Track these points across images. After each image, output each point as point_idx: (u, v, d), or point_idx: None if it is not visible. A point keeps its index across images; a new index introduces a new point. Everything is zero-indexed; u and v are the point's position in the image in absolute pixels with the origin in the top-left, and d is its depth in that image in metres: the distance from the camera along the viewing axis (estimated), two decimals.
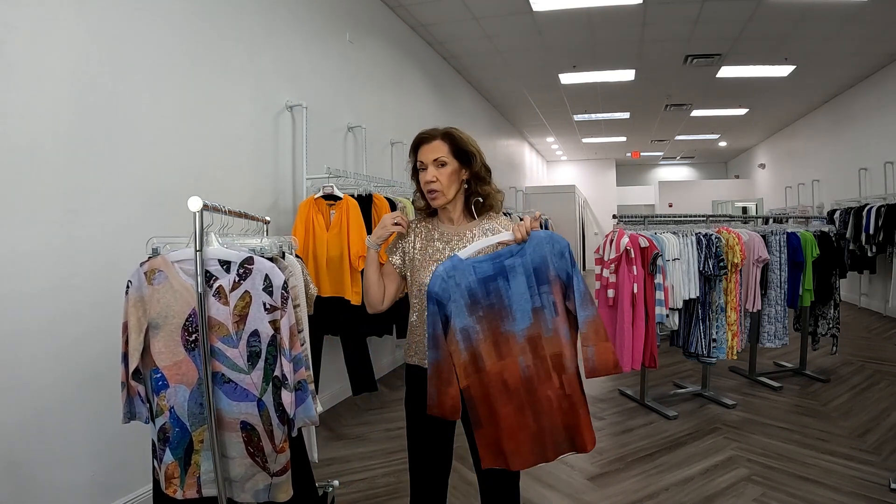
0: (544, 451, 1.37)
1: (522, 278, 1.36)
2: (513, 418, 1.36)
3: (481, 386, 1.36)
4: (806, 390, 3.57)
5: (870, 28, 5.13)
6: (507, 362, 1.35)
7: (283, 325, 1.36)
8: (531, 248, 1.36)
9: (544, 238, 1.38)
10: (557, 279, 1.36)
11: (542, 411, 1.35)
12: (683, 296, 3.12)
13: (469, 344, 1.36)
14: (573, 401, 1.35)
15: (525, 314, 1.36)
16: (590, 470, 2.50)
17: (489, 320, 1.36)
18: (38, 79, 1.80)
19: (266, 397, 1.37)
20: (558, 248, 1.37)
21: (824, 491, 2.21)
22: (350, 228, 2.76)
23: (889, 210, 5.46)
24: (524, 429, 1.36)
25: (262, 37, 2.97)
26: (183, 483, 1.39)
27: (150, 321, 1.38)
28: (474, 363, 1.36)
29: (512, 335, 1.36)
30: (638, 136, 11.18)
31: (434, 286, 1.36)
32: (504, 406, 1.35)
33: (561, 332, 1.36)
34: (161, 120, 2.28)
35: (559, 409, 1.35)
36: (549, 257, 1.36)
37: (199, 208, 1.30)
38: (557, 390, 1.35)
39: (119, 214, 2.07)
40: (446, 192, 1.45)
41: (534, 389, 1.35)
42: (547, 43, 5.61)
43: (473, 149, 1.46)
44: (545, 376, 1.35)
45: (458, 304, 1.36)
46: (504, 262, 1.37)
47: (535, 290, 1.36)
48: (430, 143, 1.46)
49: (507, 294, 1.36)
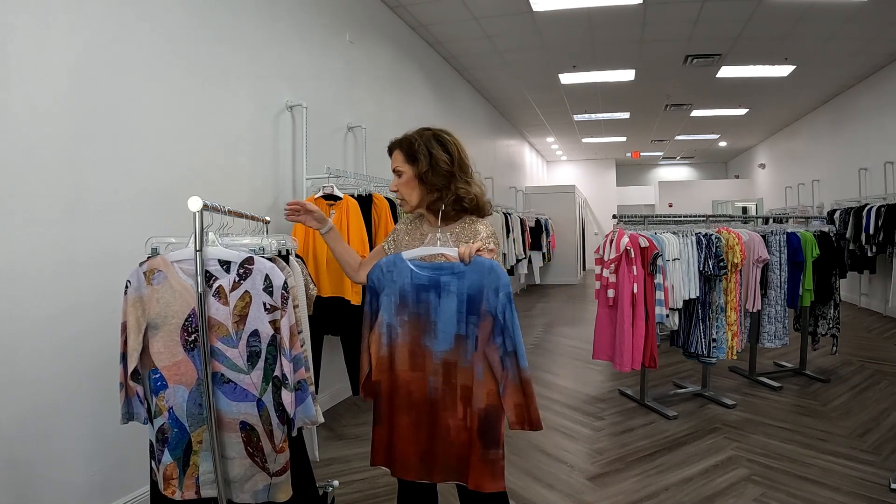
0: (430, 471, 1.35)
1: (454, 301, 1.30)
2: (406, 430, 1.34)
3: (390, 386, 1.35)
4: (806, 390, 3.57)
5: (870, 28, 5.13)
6: (417, 375, 1.33)
7: (284, 325, 1.35)
8: (471, 273, 1.29)
9: (486, 268, 1.28)
10: (488, 315, 1.28)
11: (438, 436, 1.32)
12: (683, 296, 3.12)
13: (389, 341, 1.35)
14: (471, 437, 1.29)
15: (447, 337, 1.31)
16: (590, 470, 2.50)
17: (411, 328, 1.33)
18: (38, 79, 1.80)
19: (266, 397, 1.36)
20: (495, 283, 1.27)
21: (824, 491, 2.21)
22: (350, 228, 2.76)
23: (889, 210, 5.46)
24: (415, 444, 1.34)
25: (261, 37, 2.96)
26: (181, 484, 1.39)
27: (149, 321, 1.38)
28: (389, 362, 1.35)
29: (429, 352, 1.32)
30: (638, 136, 11.18)
31: (372, 274, 1.37)
32: (402, 416, 1.34)
33: (475, 369, 1.29)
34: (161, 120, 2.28)
35: (456, 439, 1.31)
36: (485, 289, 1.28)
37: (199, 208, 1.30)
38: (459, 421, 1.30)
39: (119, 214, 2.06)
40: (408, 199, 1.48)
41: (436, 413, 1.32)
42: (547, 43, 5.61)
43: (420, 153, 1.42)
44: (451, 404, 1.31)
45: (389, 299, 1.34)
46: (441, 277, 1.31)
47: (464, 317, 1.30)
48: (392, 153, 1.50)
49: (435, 310, 1.32)
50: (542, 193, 10.61)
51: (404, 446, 1.35)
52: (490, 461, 1.29)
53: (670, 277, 3.07)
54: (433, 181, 1.43)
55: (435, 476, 1.35)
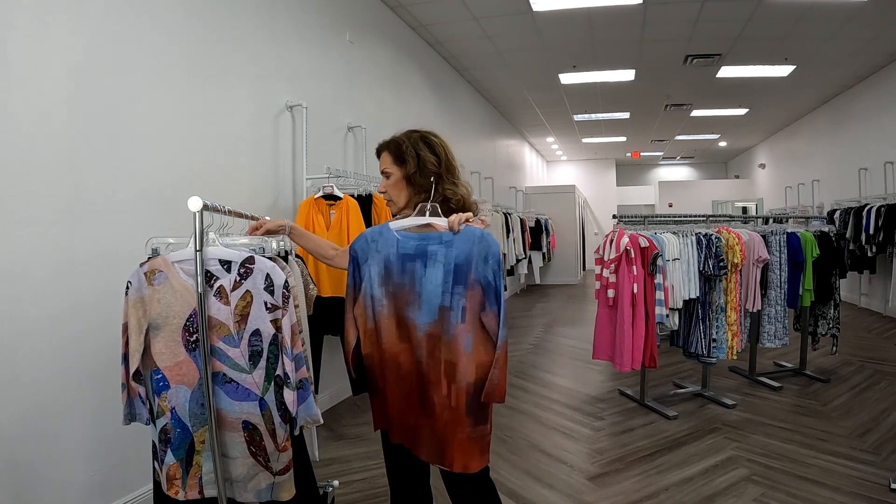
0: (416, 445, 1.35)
1: (440, 270, 1.27)
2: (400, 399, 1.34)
3: (380, 358, 1.35)
4: (806, 390, 3.57)
5: (870, 28, 5.13)
6: (404, 347, 1.32)
7: (285, 324, 1.35)
8: (459, 242, 1.26)
9: (476, 236, 1.26)
10: (476, 284, 1.25)
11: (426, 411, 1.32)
12: (683, 296, 3.12)
13: (374, 313, 1.33)
14: (456, 415, 1.27)
15: (431, 309, 1.28)
16: (590, 470, 2.50)
17: (396, 300, 1.31)
18: (38, 79, 1.80)
19: (268, 396, 1.37)
20: (485, 250, 1.25)
21: (824, 491, 2.21)
22: (350, 228, 2.76)
23: (889, 210, 5.46)
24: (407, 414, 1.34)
25: (261, 37, 2.97)
26: (185, 484, 1.39)
27: (151, 322, 1.38)
28: (376, 334, 1.34)
29: (413, 325, 1.30)
30: (638, 136, 11.18)
31: (355, 244, 1.36)
32: (394, 386, 1.34)
33: (460, 341, 1.26)
34: (161, 120, 2.28)
35: (440, 417, 1.29)
36: (473, 258, 1.25)
37: (199, 208, 1.30)
38: (444, 398, 1.28)
39: (119, 214, 2.07)
40: (396, 200, 1.49)
41: (425, 385, 1.31)
42: (547, 43, 5.61)
43: (408, 154, 1.43)
44: (436, 380, 1.29)
45: (373, 270, 1.32)
46: (428, 246, 1.29)
47: (449, 287, 1.27)
48: (380, 154, 1.52)
49: (420, 280, 1.29)
50: (542, 193, 10.62)
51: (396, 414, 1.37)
52: (478, 438, 1.28)
53: (670, 277, 3.07)
54: (421, 182, 1.44)
55: (421, 450, 1.34)
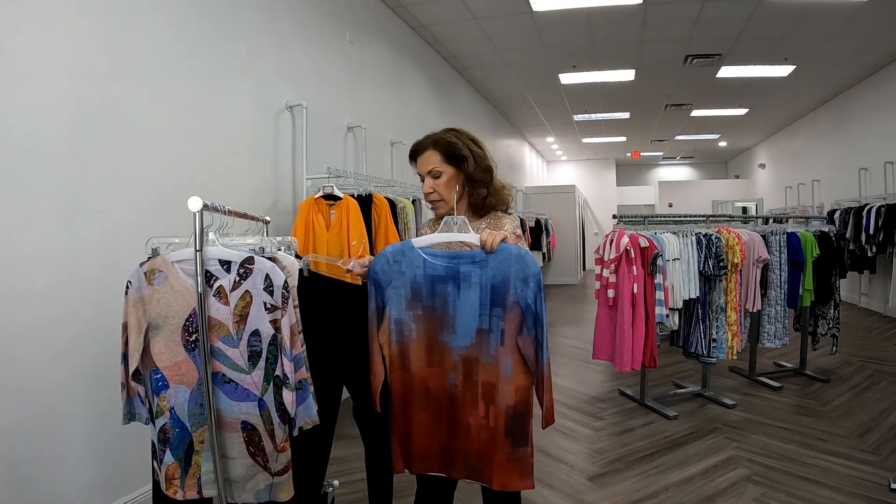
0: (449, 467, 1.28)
1: (476, 292, 1.20)
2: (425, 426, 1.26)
3: (403, 385, 1.27)
4: (806, 390, 3.57)
5: (870, 28, 5.13)
6: (435, 371, 1.25)
7: (284, 325, 1.35)
8: (496, 261, 1.19)
9: (514, 255, 1.19)
10: (516, 307, 1.18)
11: (459, 434, 1.25)
12: (683, 296, 3.12)
13: (401, 338, 1.26)
14: (494, 434, 1.22)
15: (468, 332, 1.21)
16: (590, 470, 2.50)
17: (427, 323, 1.24)
18: (38, 79, 1.80)
19: (267, 397, 1.36)
20: (524, 271, 1.18)
21: (824, 491, 2.21)
22: (350, 228, 2.76)
23: (889, 210, 5.46)
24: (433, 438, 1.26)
25: (262, 37, 2.97)
26: (183, 484, 1.39)
27: (150, 321, 1.38)
28: (401, 359, 1.26)
29: (448, 348, 1.23)
30: (638, 136, 11.18)
31: (376, 265, 1.27)
32: (421, 412, 1.26)
33: (501, 364, 1.21)
34: (161, 120, 2.28)
35: (476, 437, 1.24)
36: (512, 279, 1.18)
37: (199, 208, 1.30)
38: (481, 419, 1.23)
39: (119, 214, 2.07)
40: (447, 200, 1.44)
41: (456, 409, 1.25)
42: (547, 43, 5.61)
43: (465, 152, 1.43)
44: (471, 402, 1.23)
45: (398, 293, 1.24)
46: (460, 266, 1.21)
47: (487, 310, 1.20)
48: (422, 154, 1.46)
49: (453, 302, 1.22)
50: (542, 193, 10.61)
51: (423, 441, 1.28)
52: (519, 459, 1.22)
53: (670, 277, 3.07)
54: (481, 178, 1.43)
55: (455, 472, 1.28)
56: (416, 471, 1.33)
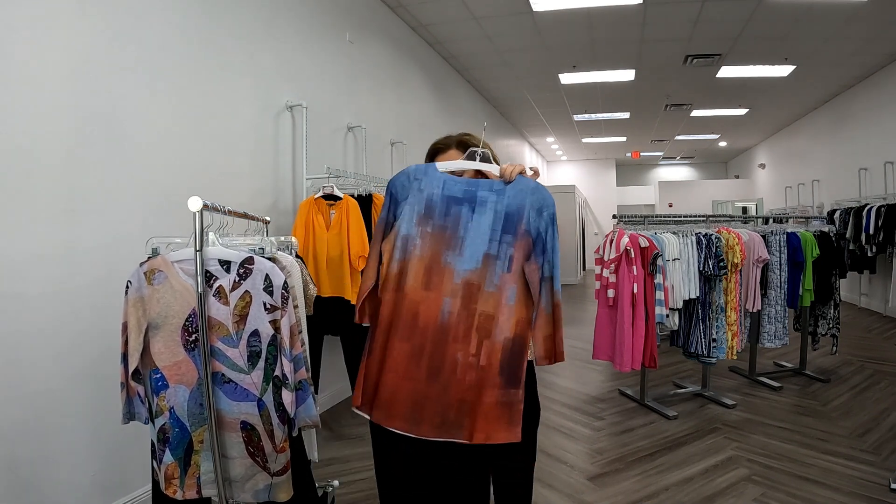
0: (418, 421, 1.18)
1: (489, 217, 1.20)
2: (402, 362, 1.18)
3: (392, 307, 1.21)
4: (806, 390, 3.57)
5: (870, 28, 5.13)
6: (430, 295, 1.20)
7: (284, 325, 1.36)
8: (513, 191, 1.21)
9: (530, 186, 1.22)
10: (526, 235, 1.19)
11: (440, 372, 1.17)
12: (683, 296, 3.12)
13: (403, 256, 1.22)
14: (485, 375, 1.16)
15: (476, 255, 1.20)
16: (590, 470, 2.50)
17: (434, 242, 1.21)
18: (38, 79, 1.80)
19: (266, 397, 1.37)
20: (540, 202, 1.20)
21: (824, 491, 2.21)
22: (350, 228, 2.76)
23: (889, 210, 5.46)
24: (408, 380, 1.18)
25: (262, 37, 2.97)
26: (183, 483, 1.39)
27: (150, 321, 1.38)
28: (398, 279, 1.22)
29: (450, 270, 1.20)
30: (638, 136, 11.18)
31: (396, 180, 1.27)
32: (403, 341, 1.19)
33: (505, 293, 1.18)
34: (161, 120, 2.28)
35: (461, 380, 1.17)
36: (526, 208, 1.20)
37: (199, 208, 1.30)
38: (470, 357, 1.17)
39: (119, 214, 2.07)
40: None
41: (444, 341, 1.18)
42: (547, 43, 5.61)
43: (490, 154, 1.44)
44: (463, 334, 1.18)
45: (412, 208, 1.23)
46: (478, 191, 1.23)
47: (498, 235, 1.20)
48: (445, 152, 1.49)
49: (465, 224, 1.21)
50: None
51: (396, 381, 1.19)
52: (508, 403, 1.16)
53: (670, 277, 3.07)
54: None
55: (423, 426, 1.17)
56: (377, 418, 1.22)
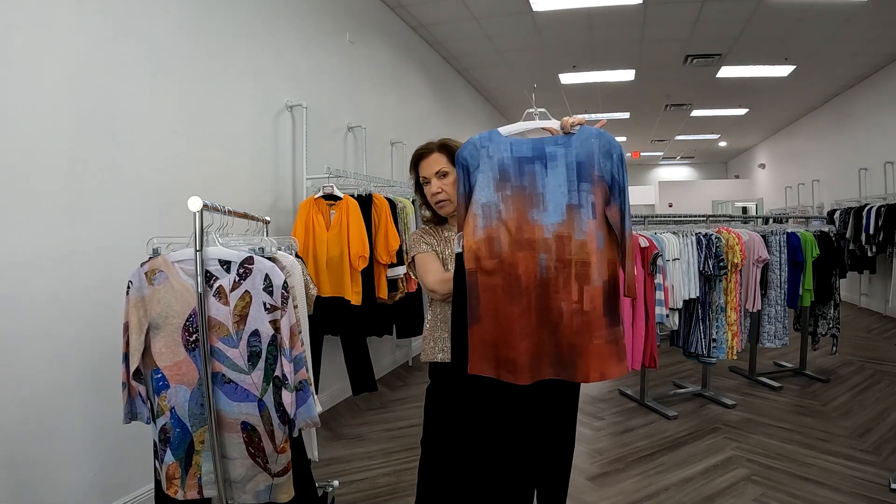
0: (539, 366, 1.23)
1: (562, 170, 1.22)
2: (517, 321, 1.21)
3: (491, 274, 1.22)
4: (806, 390, 3.57)
5: (870, 28, 5.13)
6: (525, 255, 1.22)
7: (284, 325, 1.36)
8: (578, 140, 1.23)
9: (593, 133, 1.23)
10: (601, 180, 1.21)
11: (550, 322, 1.21)
12: (683, 296, 3.12)
13: (489, 223, 1.23)
14: (590, 319, 1.19)
15: (559, 208, 1.22)
16: (590, 470, 2.50)
17: (517, 202, 1.23)
18: (38, 79, 1.80)
19: (267, 397, 1.37)
20: (607, 145, 1.22)
21: (824, 491, 2.21)
22: (350, 228, 2.76)
23: (889, 210, 5.46)
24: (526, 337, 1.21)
25: (262, 37, 2.96)
26: (184, 484, 1.39)
27: (151, 321, 1.38)
28: (489, 246, 1.23)
29: (539, 226, 1.22)
30: (638, 136, 11.18)
31: (463, 150, 1.28)
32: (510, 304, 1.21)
33: (594, 238, 1.20)
34: (161, 120, 2.28)
35: (569, 325, 1.20)
36: (595, 154, 1.22)
37: (199, 208, 1.30)
38: (573, 304, 1.20)
39: (119, 214, 2.07)
40: (453, 199, 1.48)
41: (547, 295, 1.21)
42: (547, 43, 5.61)
43: None
44: (563, 284, 1.20)
45: (486, 175, 1.24)
46: (546, 147, 1.24)
47: (575, 185, 1.22)
48: (428, 156, 1.52)
49: (542, 181, 1.23)
50: None
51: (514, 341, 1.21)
52: (615, 340, 1.21)
53: (670, 277, 3.07)
54: None
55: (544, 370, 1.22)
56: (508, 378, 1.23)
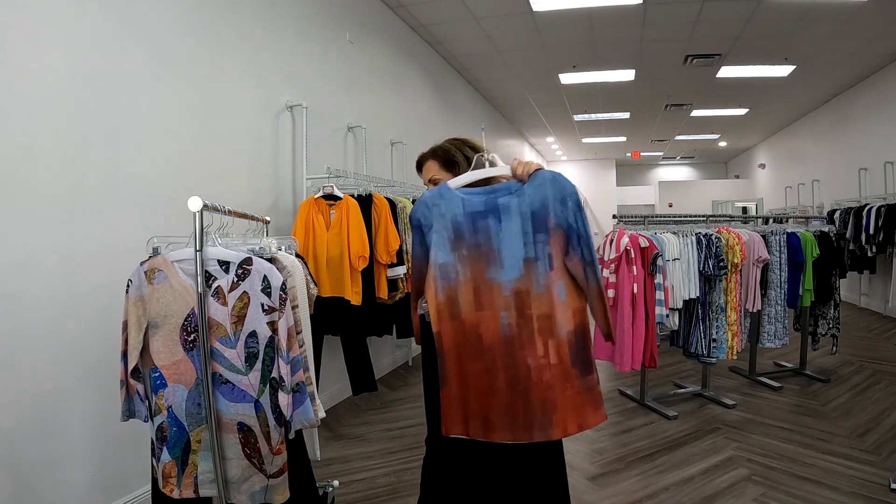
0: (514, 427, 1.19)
1: (517, 221, 1.19)
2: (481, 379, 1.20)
3: (454, 335, 1.22)
4: (806, 390, 3.57)
5: (870, 28, 5.13)
6: (486, 314, 1.20)
7: (281, 327, 1.35)
8: (531, 188, 1.18)
9: (547, 178, 1.19)
10: (558, 229, 1.18)
11: (518, 379, 1.18)
12: (683, 296, 3.12)
13: (447, 284, 1.22)
14: (559, 372, 1.17)
15: (515, 263, 1.19)
16: (590, 470, 2.50)
17: (473, 262, 1.21)
18: (38, 79, 1.80)
19: (263, 398, 1.36)
20: (561, 192, 1.18)
21: (824, 491, 2.21)
22: (350, 228, 2.76)
23: (889, 210, 5.45)
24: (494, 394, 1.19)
25: (262, 37, 2.96)
26: (180, 482, 1.39)
27: (150, 320, 1.38)
28: (449, 307, 1.22)
29: (497, 284, 1.20)
30: (638, 136, 11.17)
31: (416, 212, 1.27)
32: (474, 363, 1.20)
33: (554, 291, 1.17)
34: (161, 120, 2.28)
35: (538, 381, 1.17)
36: (550, 202, 1.18)
37: (199, 208, 1.30)
38: (539, 359, 1.18)
39: (119, 214, 2.06)
40: None
41: (512, 353, 1.19)
42: (547, 43, 5.61)
43: (458, 157, 1.47)
44: (527, 340, 1.18)
45: (441, 235, 1.22)
46: (498, 199, 1.20)
47: (531, 237, 1.18)
48: (423, 165, 1.54)
49: (496, 236, 1.20)
50: None
51: (482, 398, 1.20)
52: (589, 389, 1.18)
53: (670, 277, 3.07)
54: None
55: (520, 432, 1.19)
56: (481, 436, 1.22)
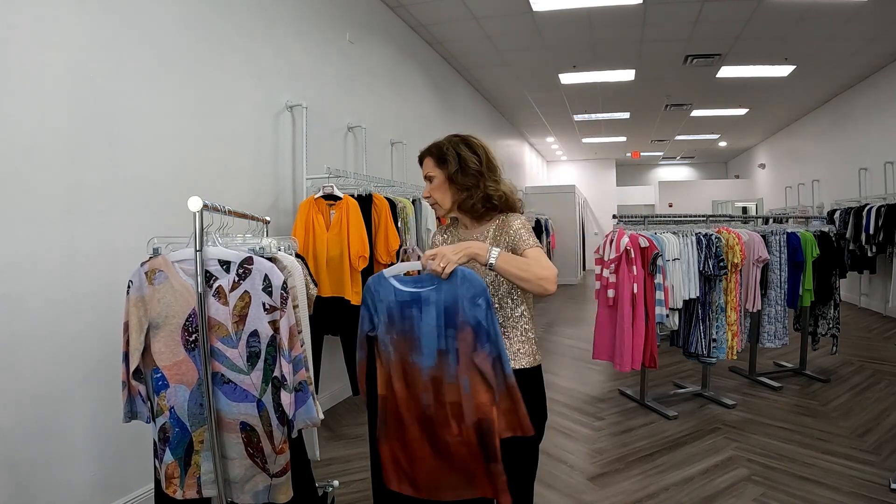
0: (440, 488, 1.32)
1: (433, 314, 1.27)
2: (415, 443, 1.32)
3: (389, 402, 1.34)
4: (806, 390, 3.57)
5: (870, 28, 5.13)
6: (412, 392, 1.31)
7: (283, 326, 1.35)
8: (448, 284, 1.25)
9: (458, 277, 1.24)
10: (466, 325, 1.24)
11: (441, 451, 1.30)
12: (683, 296, 3.12)
13: (386, 358, 1.34)
14: (470, 451, 1.26)
15: (431, 352, 1.28)
16: (590, 470, 2.50)
17: (400, 346, 1.32)
18: (38, 79, 1.80)
19: (265, 398, 1.37)
20: (471, 291, 1.23)
21: (824, 491, 2.21)
22: (350, 228, 2.76)
23: (889, 210, 5.46)
24: (423, 459, 1.32)
25: (262, 37, 2.96)
26: (183, 483, 1.39)
27: (151, 321, 1.38)
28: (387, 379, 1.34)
29: (418, 369, 1.30)
30: (638, 136, 11.17)
31: (364, 294, 1.38)
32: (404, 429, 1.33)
33: (461, 383, 1.25)
34: (161, 120, 2.28)
35: (458, 454, 1.28)
36: (460, 299, 1.24)
37: (199, 208, 1.30)
38: (456, 437, 1.27)
39: (119, 214, 2.07)
40: (442, 203, 1.50)
41: (433, 428, 1.30)
42: (547, 43, 5.61)
43: (449, 156, 1.46)
44: (444, 421, 1.28)
45: (379, 318, 1.34)
46: (422, 291, 1.28)
47: (443, 331, 1.26)
48: (422, 161, 1.54)
49: (417, 325, 1.29)
50: (542, 193, 10.60)
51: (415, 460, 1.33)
52: (493, 474, 1.25)
53: (670, 277, 3.07)
54: (462, 181, 1.45)
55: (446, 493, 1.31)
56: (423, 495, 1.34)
